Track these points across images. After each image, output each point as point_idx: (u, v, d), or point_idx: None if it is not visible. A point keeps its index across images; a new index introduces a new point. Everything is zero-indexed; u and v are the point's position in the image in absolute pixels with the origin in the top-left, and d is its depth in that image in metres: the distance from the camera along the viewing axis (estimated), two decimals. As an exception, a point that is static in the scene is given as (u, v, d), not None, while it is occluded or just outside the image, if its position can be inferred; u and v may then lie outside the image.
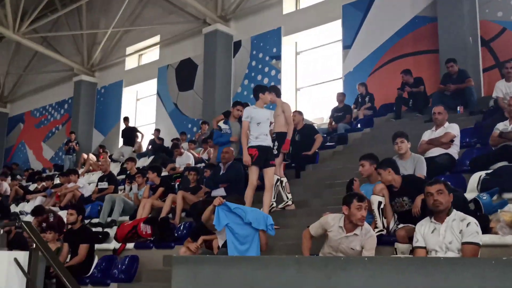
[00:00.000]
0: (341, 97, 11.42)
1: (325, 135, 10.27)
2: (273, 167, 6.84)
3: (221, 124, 9.08)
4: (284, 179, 7.30)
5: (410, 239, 4.71)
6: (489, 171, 5.81)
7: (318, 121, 12.55)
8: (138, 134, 16.28)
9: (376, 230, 5.27)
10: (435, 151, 6.67)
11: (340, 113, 11.19)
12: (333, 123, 11.12)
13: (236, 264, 4.03)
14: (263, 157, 6.71)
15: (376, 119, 10.57)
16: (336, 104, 11.48)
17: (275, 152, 7.15)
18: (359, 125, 10.53)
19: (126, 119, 16.45)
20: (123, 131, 16.55)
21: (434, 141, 6.77)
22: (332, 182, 7.85)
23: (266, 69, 14.33)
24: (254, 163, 6.72)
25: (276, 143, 7.27)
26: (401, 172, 5.55)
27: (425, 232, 4.29)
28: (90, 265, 7.24)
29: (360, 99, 11.37)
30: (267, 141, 6.81)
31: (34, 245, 3.34)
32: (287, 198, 7.24)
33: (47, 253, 3.29)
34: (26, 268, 3.33)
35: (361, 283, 3.23)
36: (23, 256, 3.39)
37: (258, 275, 3.79)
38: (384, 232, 5.30)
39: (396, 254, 4.79)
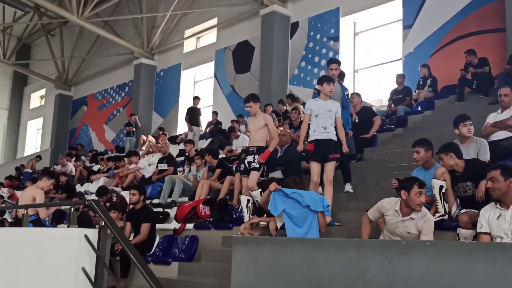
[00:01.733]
0: (400, 78, 11.15)
1: (384, 118, 10.09)
2: (332, 162, 6.54)
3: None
4: (257, 196, 6.72)
5: (473, 225, 4.59)
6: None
7: (376, 103, 12.34)
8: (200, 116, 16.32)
9: (437, 215, 5.16)
10: (501, 134, 6.43)
11: (399, 95, 10.95)
12: (392, 106, 10.91)
13: (295, 246, 4.07)
14: (321, 152, 6.48)
15: (438, 101, 10.27)
16: (395, 86, 11.23)
17: (255, 165, 6.87)
18: (419, 108, 10.27)
19: (196, 98, 16.29)
20: (191, 109, 16.08)
21: (499, 124, 6.52)
22: (391, 165, 7.73)
23: (324, 51, 14.17)
24: (311, 158, 6.56)
25: (256, 157, 6.86)
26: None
27: (490, 218, 4.17)
28: (152, 244, 7.48)
29: (421, 82, 11.06)
30: (325, 134, 6.52)
31: (103, 222, 3.48)
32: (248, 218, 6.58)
33: (115, 230, 3.43)
34: (95, 245, 3.49)
35: (422, 267, 3.19)
36: (92, 233, 3.55)
37: (317, 257, 3.82)
38: (446, 217, 5.18)
39: (459, 239, 4.68)
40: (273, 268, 4.10)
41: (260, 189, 6.73)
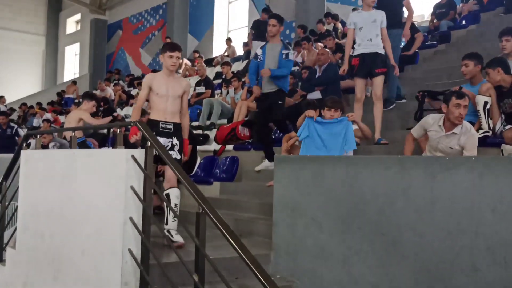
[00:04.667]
0: (444, -9, 10.66)
1: (426, 34, 9.76)
2: (380, 76, 6.25)
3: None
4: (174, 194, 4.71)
5: (518, 141, 4.52)
6: None
7: (418, 18, 11.90)
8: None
9: (481, 131, 5.08)
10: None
11: (442, 9, 10.50)
12: (435, 21, 10.49)
13: (338, 164, 4.11)
14: (366, 67, 6.24)
15: (483, 15, 9.82)
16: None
17: (176, 155, 4.77)
18: (463, 22, 9.87)
19: (265, 10, 14.35)
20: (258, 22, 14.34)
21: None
22: (434, 83, 7.56)
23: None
24: (355, 74, 6.34)
25: (174, 139, 4.86)
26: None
27: (538, 133, 4.08)
28: (194, 165, 7.65)
29: (467, -6, 10.55)
30: (371, 47, 6.21)
31: (149, 143, 3.57)
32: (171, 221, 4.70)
33: (162, 150, 3.52)
34: (142, 165, 3.59)
35: (467, 183, 3.19)
36: (139, 153, 3.65)
37: (360, 174, 3.85)
38: (490, 133, 5.10)
39: (503, 155, 4.63)
40: (315, 186, 4.17)
41: None
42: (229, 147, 8.15)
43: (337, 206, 3.98)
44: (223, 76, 11.81)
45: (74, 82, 20.54)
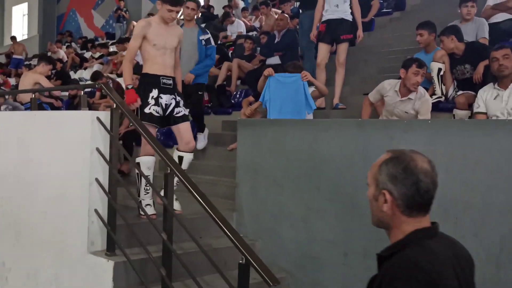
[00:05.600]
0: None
1: (381, 1, 9.90)
2: (345, 43, 6.26)
3: None
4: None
5: (469, 106, 4.75)
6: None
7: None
8: None
9: (434, 96, 5.29)
10: (500, 17, 6.38)
11: (398, -24, 10.63)
12: (391, -12, 10.63)
13: (297, 127, 4.25)
14: (332, 32, 6.23)
15: (437, -18, 10.04)
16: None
17: (184, 111, 4.40)
18: (418, -10, 10.05)
19: None
20: None
21: (499, 6, 6.44)
22: (388, 50, 7.75)
23: None
24: (320, 40, 6.32)
25: (177, 96, 4.35)
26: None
27: (487, 98, 4.31)
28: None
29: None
30: (337, 13, 6.18)
31: (115, 105, 3.58)
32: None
33: (127, 112, 3.54)
34: (108, 126, 3.61)
35: (423, 144, 3.38)
36: (104, 115, 3.66)
37: (319, 136, 4.00)
38: (443, 99, 5.33)
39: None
40: (276, 148, 4.30)
41: None
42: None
43: (298, 168, 4.14)
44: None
45: (13, 37, 19.40)
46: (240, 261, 2.74)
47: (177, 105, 4.24)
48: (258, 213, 4.36)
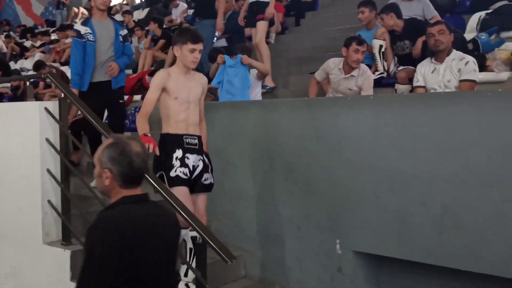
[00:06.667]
0: None
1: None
2: (260, 22, 6.40)
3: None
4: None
5: (410, 80, 4.95)
6: (489, 11, 5.85)
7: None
8: None
9: (377, 73, 5.49)
10: (437, -7, 6.63)
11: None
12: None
13: (249, 108, 4.34)
14: (252, 15, 6.49)
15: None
16: None
17: (211, 179, 3.80)
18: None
19: None
20: None
21: (437, -18, 6.69)
22: (332, 28, 7.90)
23: None
24: (247, 24, 6.57)
25: (205, 157, 3.78)
26: (407, 15, 5.60)
27: (425, 72, 4.50)
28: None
29: None
30: None
31: (63, 94, 3.55)
32: None
33: (76, 101, 3.52)
34: (57, 116, 3.58)
35: (368, 119, 3.53)
36: (52, 105, 3.63)
37: (271, 117, 4.10)
38: (385, 74, 5.53)
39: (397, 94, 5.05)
40: (231, 130, 4.40)
41: None
42: (137, 97, 8.07)
43: (252, 149, 4.24)
44: (125, 25, 11.46)
45: None
46: (197, 241, 2.81)
47: (205, 169, 3.66)
48: (215, 195, 4.40)
